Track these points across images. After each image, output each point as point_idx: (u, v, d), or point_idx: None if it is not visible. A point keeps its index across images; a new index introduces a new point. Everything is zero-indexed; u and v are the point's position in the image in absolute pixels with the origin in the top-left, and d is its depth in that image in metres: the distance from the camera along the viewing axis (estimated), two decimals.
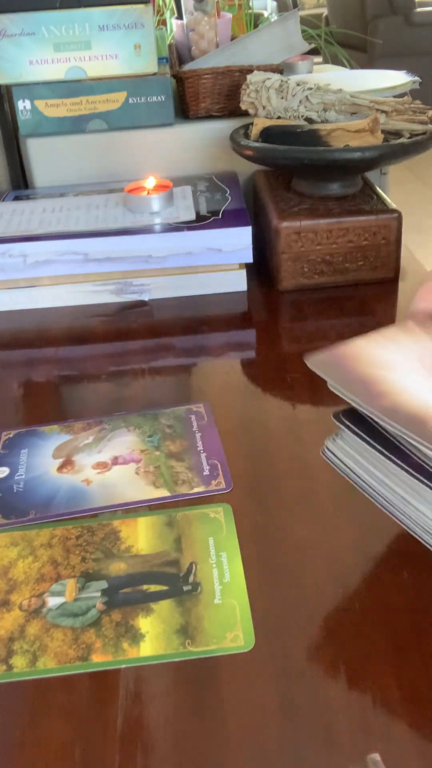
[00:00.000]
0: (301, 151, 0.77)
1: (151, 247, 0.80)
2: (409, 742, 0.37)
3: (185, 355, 0.74)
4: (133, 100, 0.94)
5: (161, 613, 0.44)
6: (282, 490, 0.54)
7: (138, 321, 0.79)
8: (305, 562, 0.47)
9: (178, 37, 1.05)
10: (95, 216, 0.84)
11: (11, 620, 0.44)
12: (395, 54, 3.81)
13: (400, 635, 0.42)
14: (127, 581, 0.47)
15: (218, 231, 0.79)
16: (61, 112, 0.93)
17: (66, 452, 0.59)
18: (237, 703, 0.39)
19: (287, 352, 0.73)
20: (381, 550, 0.48)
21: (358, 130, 0.79)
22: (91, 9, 0.89)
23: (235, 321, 0.80)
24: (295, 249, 0.80)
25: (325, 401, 0.64)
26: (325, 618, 0.43)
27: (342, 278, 0.82)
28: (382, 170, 1.01)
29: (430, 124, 0.83)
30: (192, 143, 0.96)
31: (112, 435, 0.60)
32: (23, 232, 0.81)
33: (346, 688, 0.39)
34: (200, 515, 0.51)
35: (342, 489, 0.53)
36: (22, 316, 0.82)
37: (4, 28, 0.88)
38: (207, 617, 0.44)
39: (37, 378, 0.72)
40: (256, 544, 0.49)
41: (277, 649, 0.42)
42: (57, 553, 0.49)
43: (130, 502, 0.53)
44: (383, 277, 0.82)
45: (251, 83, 0.85)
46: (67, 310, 0.82)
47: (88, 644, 0.43)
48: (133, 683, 0.40)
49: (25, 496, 0.55)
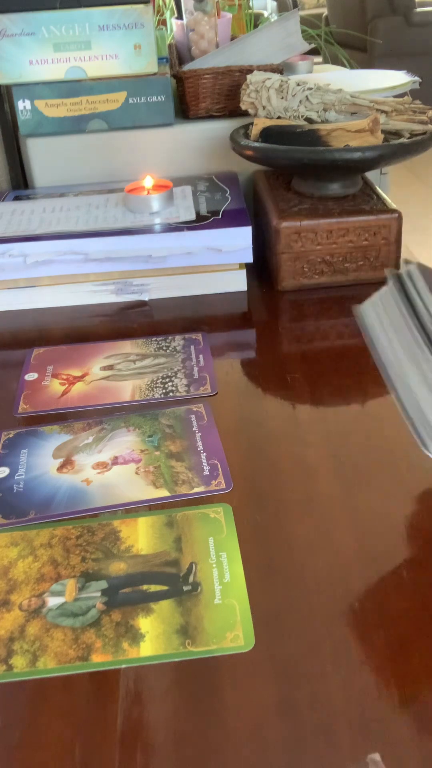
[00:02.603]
0: (301, 151, 0.77)
1: (151, 247, 0.80)
2: (409, 742, 0.37)
3: None
4: (133, 100, 0.94)
5: (161, 613, 0.44)
6: (282, 489, 0.54)
7: (138, 321, 0.79)
8: (305, 562, 0.47)
9: (178, 37, 1.05)
10: (95, 216, 0.84)
11: (11, 620, 0.44)
12: (395, 54, 3.81)
13: (400, 635, 0.42)
14: (127, 581, 0.47)
15: (218, 231, 0.80)
16: (61, 112, 0.93)
17: (66, 452, 0.59)
18: (237, 702, 0.39)
19: (287, 352, 0.73)
20: (381, 550, 0.48)
21: (358, 130, 0.79)
22: (91, 9, 0.89)
23: (235, 321, 0.80)
24: (295, 249, 0.80)
25: (325, 401, 0.64)
26: (325, 618, 0.43)
27: (342, 278, 0.82)
28: (382, 170, 1.01)
29: (430, 124, 0.83)
30: (192, 143, 0.96)
31: (112, 435, 0.61)
32: (23, 232, 0.81)
33: (346, 688, 0.39)
34: (200, 515, 0.51)
35: (342, 489, 0.54)
36: (22, 316, 0.82)
37: (4, 28, 0.88)
38: (207, 617, 0.44)
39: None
40: (256, 544, 0.49)
41: (277, 649, 0.42)
42: (57, 553, 0.49)
43: (130, 502, 0.53)
44: (383, 277, 0.82)
45: (251, 83, 0.85)
46: (67, 310, 0.82)
47: (88, 644, 0.43)
48: (133, 683, 0.40)
49: (25, 496, 0.55)
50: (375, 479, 0.54)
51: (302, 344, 0.74)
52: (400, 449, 0.57)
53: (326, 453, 0.57)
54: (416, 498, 0.52)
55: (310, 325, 0.77)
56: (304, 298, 0.81)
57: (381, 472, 0.55)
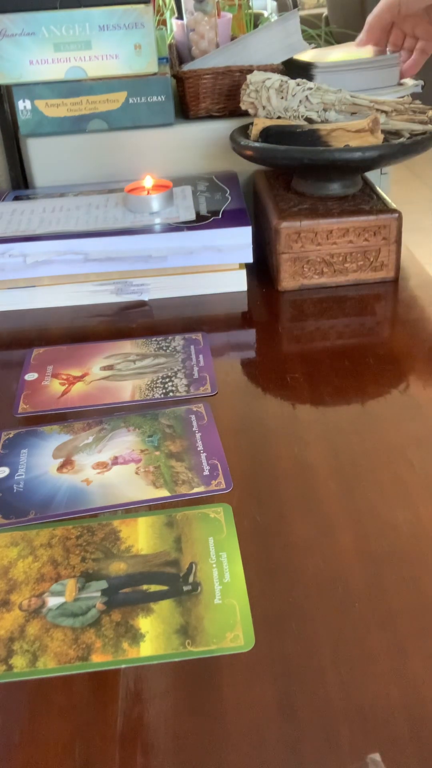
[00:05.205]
0: (301, 151, 0.77)
1: (151, 247, 0.80)
2: (409, 742, 0.37)
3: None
4: (133, 100, 0.94)
5: (161, 613, 0.44)
6: (282, 490, 0.54)
7: (138, 321, 0.79)
8: (305, 562, 0.47)
9: (178, 37, 1.05)
10: (95, 216, 0.84)
11: (11, 620, 0.44)
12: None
13: (400, 635, 0.42)
14: (127, 581, 0.47)
15: (218, 231, 0.80)
16: (61, 112, 0.93)
17: (66, 452, 0.59)
18: (237, 703, 0.39)
19: (287, 352, 0.73)
20: (381, 550, 0.48)
21: (358, 130, 0.79)
22: (91, 9, 0.89)
23: (235, 321, 0.80)
24: (295, 249, 0.80)
25: (325, 401, 0.64)
26: (325, 618, 0.43)
27: (342, 278, 0.82)
28: (382, 170, 1.01)
29: (430, 124, 0.83)
30: (192, 143, 0.96)
31: (112, 435, 0.61)
32: (23, 232, 0.81)
33: (346, 688, 0.39)
34: (200, 515, 0.51)
35: (342, 489, 0.54)
36: (22, 316, 0.82)
37: (4, 28, 0.88)
38: (207, 617, 0.44)
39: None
40: (256, 544, 0.49)
41: (277, 649, 0.42)
42: (57, 553, 0.49)
43: (130, 502, 0.53)
44: (383, 277, 0.83)
45: (251, 83, 0.85)
46: (67, 310, 0.82)
47: (88, 644, 0.43)
48: (133, 683, 0.40)
49: (25, 496, 0.55)
50: (375, 479, 0.54)
51: (302, 344, 0.74)
52: (400, 449, 0.57)
53: (326, 453, 0.57)
54: (416, 498, 0.52)
55: (310, 325, 0.77)
56: (304, 298, 0.81)
57: (381, 472, 0.55)
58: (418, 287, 0.82)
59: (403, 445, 0.58)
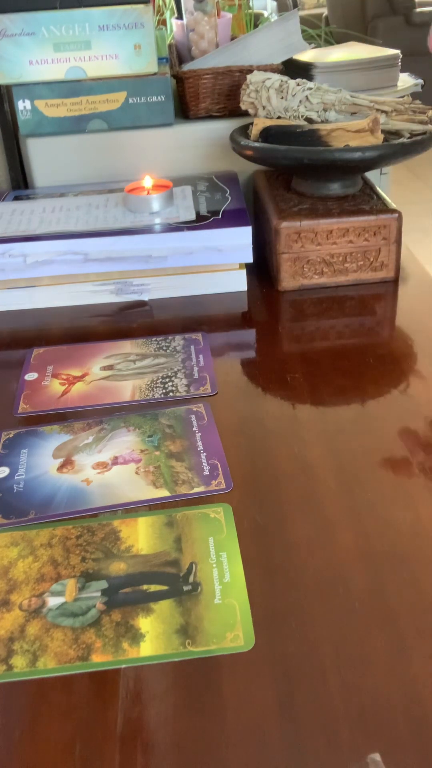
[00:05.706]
0: (301, 151, 0.77)
1: (151, 247, 0.80)
2: (409, 742, 0.37)
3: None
4: (133, 100, 0.94)
5: (161, 613, 0.44)
6: (282, 490, 0.54)
7: (138, 321, 0.79)
8: (305, 562, 0.47)
9: (178, 37, 1.05)
10: (95, 216, 0.84)
11: (11, 620, 0.44)
12: None
13: (400, 635, 0.42)
14: (127, 581, 0.47)
15: (218, 231, 0.80)
16: (61, 112, 0.93)
17: (66, 452, 0.59)
18: (237, 703, 0.39)
19: (287, 352, 0.73)
20: (381, 549, 0.48)
21: (358, 130, 0.79)
22: (91, 9, 0.89)
23: (235, 321, 0.80)
24: (295, 249, 0.80)
25: (325, 401, 0.64)
26: (325, 618, 0.43)
27: (342, 278, 0.82)
28: (382, 170, 1.01)
29: (430, 124, 0.83)
30: (192, 143, 0.96)
31: (112, 435, 0.61)
32: (23, 232, 0.81)
33: (346, 688, 0.39)
34: (200, 515, 0.51)
35: (342, 489, 0.54)
36: (22, 316, 0.82)
37: (4, 28, 0.88)
38: (207, 617, 0.44)
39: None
40: (256, 544, 0.49)
41: (277, 649, 0.42)
42: (57, 553, 0.49)
43: (130, 502, 0.53)
44: (383, 277, 0.83)
45: (251, 83, 0.85)
46: (67, 310, 0.82)
47: (88, 644, 0.43)
48: (133, 683, 0.40)
49: (25, 496, 0.55)
50: (375, 479, 0.54)
51: (302, 344, 0.74)
52: (400, 449, 0.57)
53: (326, 453, 0.57)
54: (416, 498, 0.52)
55: (310, 325, 0.77)
56: (304, 298, 0.81)
57: (381, 472, 0.55)
58: (418, 287, 0.83)
59: (403, 445, 0.58)
